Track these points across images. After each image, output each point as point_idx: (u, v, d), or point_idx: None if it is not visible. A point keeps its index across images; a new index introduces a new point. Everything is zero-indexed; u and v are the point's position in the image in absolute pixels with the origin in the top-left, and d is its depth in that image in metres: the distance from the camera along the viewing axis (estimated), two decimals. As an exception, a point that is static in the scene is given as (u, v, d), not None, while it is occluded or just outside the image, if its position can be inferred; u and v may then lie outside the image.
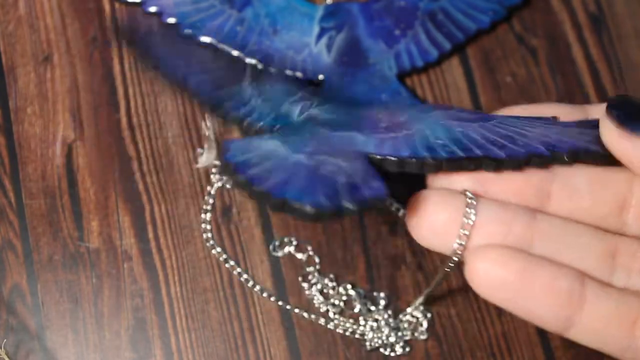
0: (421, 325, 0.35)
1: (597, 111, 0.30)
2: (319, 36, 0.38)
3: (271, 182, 0.26)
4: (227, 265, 0.36)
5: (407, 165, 0.28)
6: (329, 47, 0.38)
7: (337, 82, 0.38)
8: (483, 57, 0.39)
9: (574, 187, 0.29)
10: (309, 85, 0.32)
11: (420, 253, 0.36)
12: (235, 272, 0.36)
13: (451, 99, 0.38)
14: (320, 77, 0.38)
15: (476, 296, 0.36)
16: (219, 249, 0.36)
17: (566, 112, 0.31)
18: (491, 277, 0.27)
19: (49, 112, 0.38)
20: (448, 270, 0.29)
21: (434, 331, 0.36)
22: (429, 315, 0.35)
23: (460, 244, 0.27)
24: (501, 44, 0.39)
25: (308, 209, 0.25)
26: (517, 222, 0.28)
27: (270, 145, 0.28)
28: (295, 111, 0.30)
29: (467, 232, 0.27)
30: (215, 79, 0.31)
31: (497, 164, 0.28)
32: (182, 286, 0.36)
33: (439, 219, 0.28)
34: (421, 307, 0.35)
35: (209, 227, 0.36)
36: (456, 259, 0.28)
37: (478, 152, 0.28)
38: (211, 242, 0.36)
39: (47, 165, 0.37)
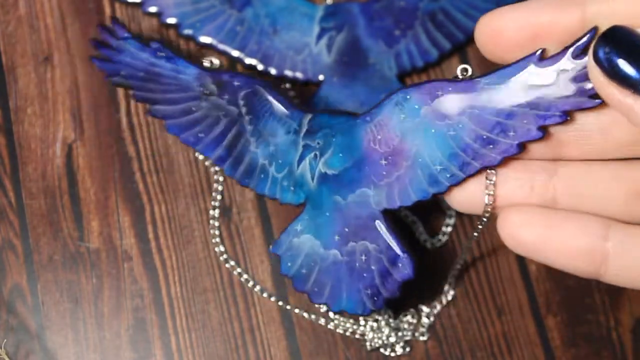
0: (422, 325, 0.35)
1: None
2: (319, 36, 0.38)
3: (325, 296, 0.33)
4: (227, 265, 0.36)
5: (419, 203, 0.31)
6: (329, 47, 0.38)
7: (337, 82, 0.38)
8: (483, 57, 0.39)
9: (584, 131, 0.29)
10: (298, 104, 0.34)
11: (419, 252, 0.36)
12: (235, 272, 0.36)
13: (451, 99, 0.38)
14: (321, 77, 0.38)
15: (476, 296, 0.36)
16: (222, 248, 0.36)
17: (563, 8, 0.29)
18: (517, 239, 0.29)
19: (49, 112, 0.38)
20: (481, 227, 0.31)
21: (434, 331, 0.36)
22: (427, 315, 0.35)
23: (488, 204, 0.30)
24: (501, 44, 0.39)
25: (365, 314, 0.33)
26: (537, 180, 0.30)
27: (307, 242, 0.33)
28: (307, 173, 0.33)
29: (491, 192, 0.30)
30: (221, 139, 0.34)
31: (497, 165, 0.30)
32: (182, 286, 0.36)
33: (468, 190, 0.31)
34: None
35: (217, 223, 0.37)
36: (485, 219, 0.31)
37: (475, 164, 0.30)
38: (217, 239, 0.36)
39: (47, 165, 0.37)
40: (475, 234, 0.32)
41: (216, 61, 0.35)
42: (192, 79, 0.34)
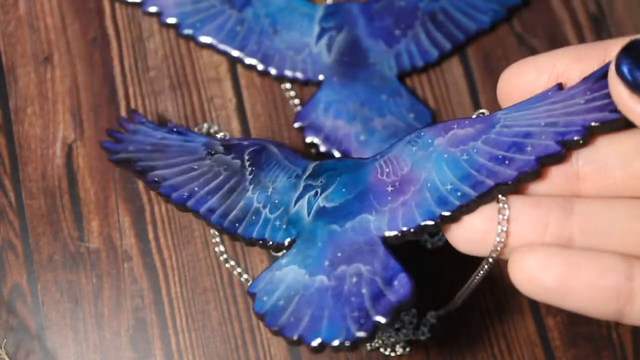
0: (423, 325, 0.35)
1: (618, 47, 0.27)
2: (319, 36, 0.38)
3: (302, 327, 0.28)
4: (227, 265, 0.36)
5: (425, 230, 0.29)
6: (329, 47, 0.38)
7: (337, 82, 0.38)
8: (483, 57, 0.39)
9: (602, 162, 0.27)
10: (300, 158, 0.33)
11: (419, 253, 0.36)
12: (235, 272, 0.36)
13: (451, 99, 0.38)
14: (321, 77, 0.38)
15: (476, 296, 0.36)
16: (222, 248, 0.36)
17: (584, 54, 0.28)
18: (534, 282, 0.27)
19: (49, 112, 0.38)
20: (487, 268, 0.29)
21: (434, 331, 0.36)
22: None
23: (500, 241, 0.28)
24: (501, 44, 0.39)
25: (347, 344, 0.27)
26: (552, 218, 0.27)
27: (290, 273, 0.29)
28: (304, 209, 0.31)
29: (504, 228, 0.28)
30: (217, 191, 0.33)
31: (513, 185, 0.28)
32: (182, 286, 0.36)
33: (475, 226, 0.28)
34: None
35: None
36: (491, 259, 0.28)
37: (489, 182, 0.28)
38: (217, 239, 0.36)
39: (47, 165, 0.37)
40: (482, 272, 0.30)
41: (227, 134, 0.36)
42: (199, 145, 0.34)
